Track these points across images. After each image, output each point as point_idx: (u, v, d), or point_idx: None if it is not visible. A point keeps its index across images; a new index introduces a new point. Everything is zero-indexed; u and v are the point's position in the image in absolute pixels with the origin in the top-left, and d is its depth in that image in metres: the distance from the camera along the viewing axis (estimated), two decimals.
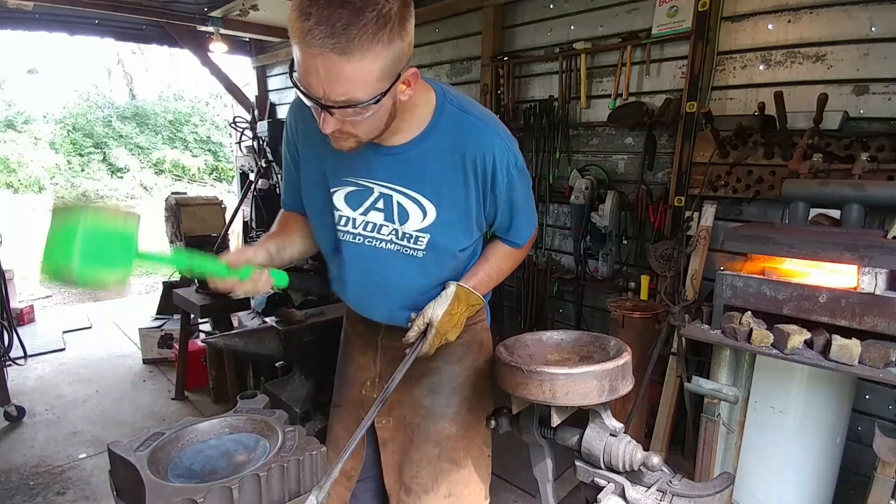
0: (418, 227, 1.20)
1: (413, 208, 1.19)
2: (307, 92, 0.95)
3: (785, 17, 2.53)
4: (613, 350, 1.33)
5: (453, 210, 1.20)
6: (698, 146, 2.78)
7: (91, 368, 4.11)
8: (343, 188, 1.21)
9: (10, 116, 14.05)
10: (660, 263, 2.91)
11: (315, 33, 0.87)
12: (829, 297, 1.69)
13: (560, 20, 3.44)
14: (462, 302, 1.23)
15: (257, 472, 0.93)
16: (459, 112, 1.18)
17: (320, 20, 0.87)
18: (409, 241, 1.22)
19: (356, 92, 0.94)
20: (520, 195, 1.27)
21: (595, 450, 1.25)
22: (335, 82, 0.92)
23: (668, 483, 1.20)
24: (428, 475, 1.38)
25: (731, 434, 2.05)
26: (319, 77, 0.92)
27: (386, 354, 1.42)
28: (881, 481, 1.62)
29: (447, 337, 1.23)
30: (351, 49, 0.89)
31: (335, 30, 0.87)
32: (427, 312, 1.21)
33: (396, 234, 1.22)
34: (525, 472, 2.05)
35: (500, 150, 1.18)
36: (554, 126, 3.47)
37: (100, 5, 4.27)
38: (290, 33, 0.92)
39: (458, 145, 1.16)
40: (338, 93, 0.93)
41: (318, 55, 0.89)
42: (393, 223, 1.21)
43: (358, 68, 0.91)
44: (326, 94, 0.94)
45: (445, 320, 1.20)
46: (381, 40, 0.91)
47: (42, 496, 2.55)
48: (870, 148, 2.23)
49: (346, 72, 0.91)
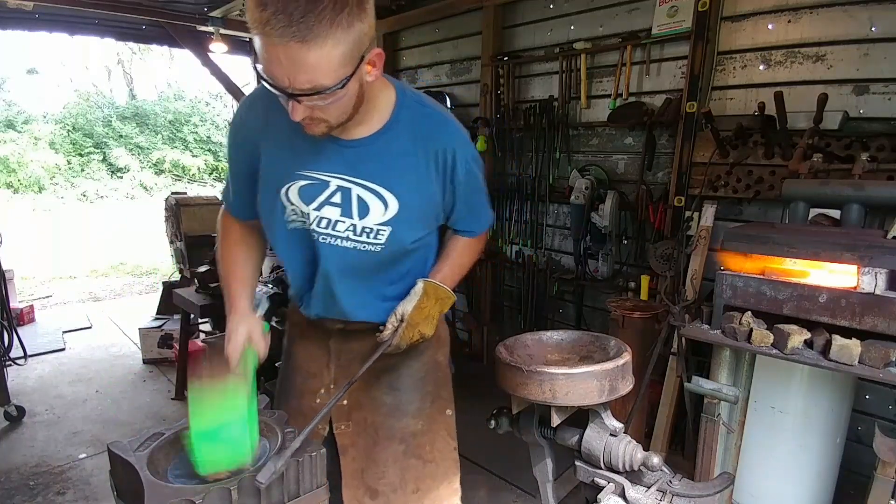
0: (380, 221, 1.18)
1: (374, 201, 1.17)
2: (272, 82, 0.95)
3: (785, 17, 2.53)
4: (613, 350, 1.33)
5: (416, 202, 1.21)
6: (698, 146, 2.78)
7: (91, 368, 4.11)
8: (297, 182, 1.17)
9: (10, 116, 14.05)
10: (660, 263, 2.91)
11: (273, 23, 0.87)
12: (829, 297, 1.69)
13: (560, 20, 3.44)
14: (430, 297, 1.25)
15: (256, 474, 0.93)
16: (419, 105, 1.20)
17: (277, 10, 0.87)
18: (369, 236, 1.19)
19: (321, 79, 0.94)
20: (477, 186, 1.32)
21: (595, 450, 1.25)
22: (299, 71, 0.93)
23: (668, 483, 1.20)
24: (395, 474, 1.36)
25: (731, 434, 2.05)
26: (283, 66, 0.92)
27: (340, 358, 1.37)
28: (881, 481, 1.62)
29: (421, 330, 1.23)
30: (311, 37, 0.89)
31: (293, 19, 0.87)
32: (398, 310, 1.23)
33: (354, 229, 1.19)
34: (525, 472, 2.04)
35: (461, 143, 1.22)
36: (554, 126, 3.46)
37: (100, 5, 4.27)
38: (249, 24, 0.91)
39: (422, 138, 1.18)
40: (302, 81, 0.94)
41: (278, 45, 0.89)
42: (350, 218, 1.18)
43: (320, 55, 0.92)
44: (291, 83, 0.94)
45: (416, 314, 1.22)
46: (341, 25, 0.91)
47: (42, 496, 2.55)
48: (870, 148, 2.23)
49: (308, 60, 0.91)
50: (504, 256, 3.96)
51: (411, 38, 4.55)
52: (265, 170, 1.20)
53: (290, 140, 1.15)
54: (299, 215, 1.19)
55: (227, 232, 1.34)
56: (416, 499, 1.38)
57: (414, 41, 4.53)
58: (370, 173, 1.16)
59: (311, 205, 1.17)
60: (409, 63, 4.63)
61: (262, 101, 1.17)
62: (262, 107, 1.17)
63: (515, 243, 3.86)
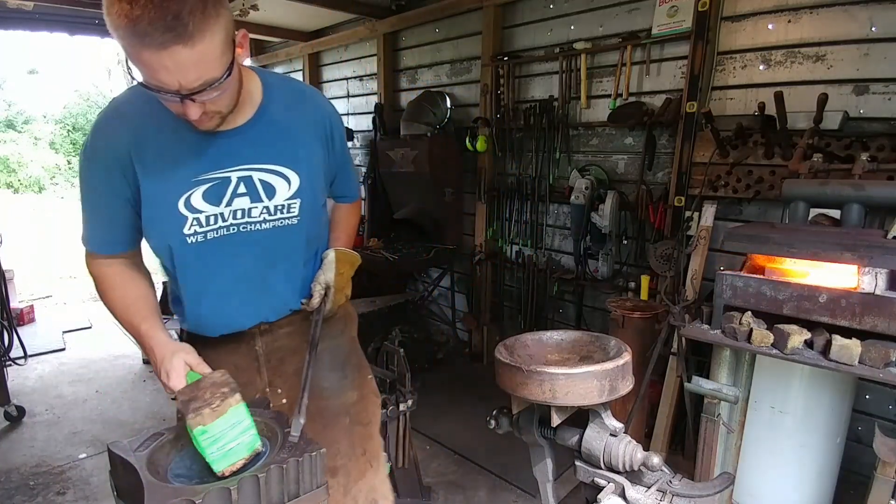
0: (287, 196, 1.23)
1: (276, 180, 1.21)
2: (160, 88, 0.95)
3: (785, 17, 2.53)
4: (613, 350, 1.33)
5: (311, 171, 1.27)
6: (698, 146, 2.78)
7: (91, 368, 4.11)
8: (197, 188, 1.15)
9: (10, 116, 14.06)
10: (660, 263, 2.91)
11: (151, 31, 0.88)
12: (829, 297, 1.69)
13: (560, 20, 3.44)
14: (344, 262, 1.36)
15: (256, 474, 0.93)
16: (286, 82, 1.28)
17: (152, 18, 0.87)
18: (283, 212, 1.24)
19: (210, 72, 0.97)
20: (348, 153, 1.44)
21: (595, 450, 1.25)
22: (188, 71, 0.94)
23: (668, 483, 1.20)
24: (346, 444, 1.42)
25: (731, 434, 2.05)
26: (170, 71, 0.93)
27: (271, 359, 1.37)
28: (881, 481, 1.62)
29: (346, 293, 1.37)
30: (189, 34, 0.90)
31: (168, 23, 0.88)
32: (321, 278, 1.32)
33: (268, 210, 1.22)
34: (525, 472, 2.05)
35: (333, 112, 1.34)
36: (554, 126, 3.46)
37: (100, 5, 4.26)
38: (120, 37, 0.91)
39: (298, 112, 1.25)
40: (192, 79, 0.95)
41: (161, 51, 0.90)
42: (261, 201, 1.21)
43: (203, 50, 0.93)
44: (182, 84, 0.95)
45: (338, 279, 1.33)
46: (211, 15, 0.93)
47: (42, 496, 2.55)
48: (870, 148, 2.23)
49: (194, 57, 0.93)
50: (504, 256, 3.96)
51: (411, 38, 4.55)
52: (151, 188, 1.13)
53: (171, 149, 1.13)
54: (203, 222, 1.17)
55: (104, 277, 1.22)
56: (364, 460, 1.47)
57: (414, 41, 4.53)
58: (262, 156, 1.19)
59: (220, 205, 1.17)
60: (409, 63, 4.63)
61: (122, 120, 1.13)
62: (124, 127, 1.12)
63: (515, 243, 3.87)
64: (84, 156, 1.16)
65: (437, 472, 2.78)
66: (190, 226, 1.16)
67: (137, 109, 1.13)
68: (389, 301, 3.96)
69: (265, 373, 1.38)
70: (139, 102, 1.13)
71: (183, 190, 1.14)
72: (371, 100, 4.97)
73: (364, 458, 1.49)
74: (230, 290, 1.25)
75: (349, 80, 5.31)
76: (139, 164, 1.12)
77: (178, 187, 1.14)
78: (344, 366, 1.48)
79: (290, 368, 1.39)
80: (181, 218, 1.15)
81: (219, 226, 1.19)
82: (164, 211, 1.15)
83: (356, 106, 5.28)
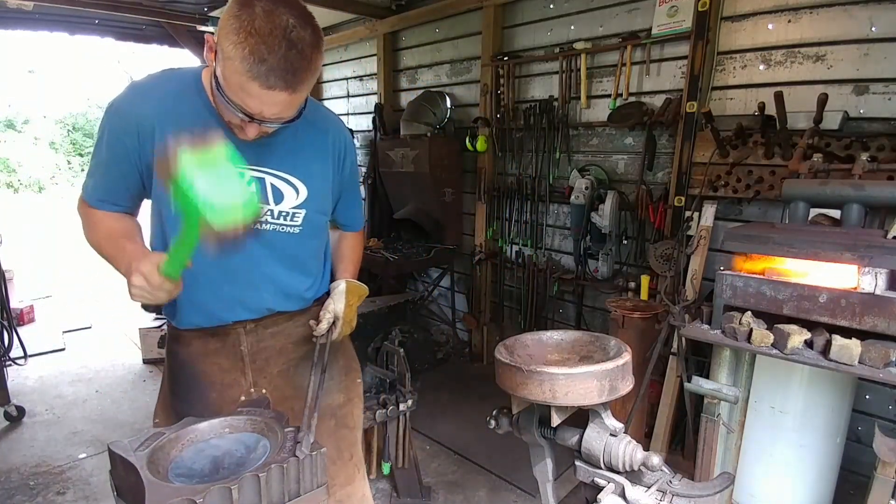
0: (294, 205, 1.29)
1: (286, 188, 1.28)
2: (243, 109, 1.05)
3: (785, 16, 2.53)
4: (613, 350, 1.33)
5: (321, 187, 1.34)
6: (698, 146, 2.78)
7: (91, 368, 4.11)
8: None
9: (10, 116, 14.05)
10: (660, 263, 2.91)
11: (270, 75, 1.00)
12: (829, 297, 1.69)
13: (560, 20, 3.44)
14: (353, 293, 1.39)
15: (257, 473, 0.93)
16: (315, 104, 1.32)
17: (277, 65, 0.99)
18: (286, 219, 1.29)
19: (289, 112, 1.10)
20: (357, 181, 1.51)
21: (595, 450, 1.25)
22: (276, 107, 1.06)
23: (668, 483, 1.20)
24: (332, 447, 1.43)
25: (731, 434, 2.05)
26: (262, 103, 1.04)
27: (256, 361, 1.38)
28: (881, 481, 1.62)
29: (352, 324, 1.39)
30: (298, 84, 1.04)
31: (287, 73, 1.01)
32: (330, 307, 1.34)
33: (272, 213, 1.27)
34: (525, 472, 2.05)
35: (349, 137, 1.42)
36: (554, 126, 3.47)
37: (100, 5, 4.27)
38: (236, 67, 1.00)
39: (320, 130, 1.32)
40: (274, 113, 1.07)
41: (269, 90, 1.01)
42: (268, 204, 1.26)
43: (298, 98, 1.07)
44: (262, 113, 1.06)
45: (347, 311, 1.36)
46: (317, 70, 1.07)
47: (42, 496, 2.55)
48: (870, 148, 2.23)
49: (287, 101, 1.06)
50: (504, 256, 3.96)
51: (411, 38, 4.55)
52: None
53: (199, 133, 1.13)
54: None
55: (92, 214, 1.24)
56: (352, 465, 1.50)
57: (414, 41, 4.53)
58: (279, 163, 1.26)
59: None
60: (409, 63, 4.64)
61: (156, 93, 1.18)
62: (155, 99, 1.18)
63: (515, 243, 3.87)
64: (110, 110, 1.20)
65: (437, 472, 2.78)
66: None
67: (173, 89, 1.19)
68: (389, 301, 3.96)
69: (250, 373, 1.38)
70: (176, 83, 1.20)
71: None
72: (371, 100, 4.97)
73: (352, 463, 1.50)
74: (220, 279, 1.27)
75: (349, 79, 5.31)
76: (159, 137, 1.16)
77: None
78: (331, 367, 1.47)
79: (274, 369, 1.40)
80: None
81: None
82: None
83: (356, 106, 5.28)
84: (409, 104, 4.31)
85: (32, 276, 6.64)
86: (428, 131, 4.03)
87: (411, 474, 2.48)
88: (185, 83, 1.20)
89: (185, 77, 1.22)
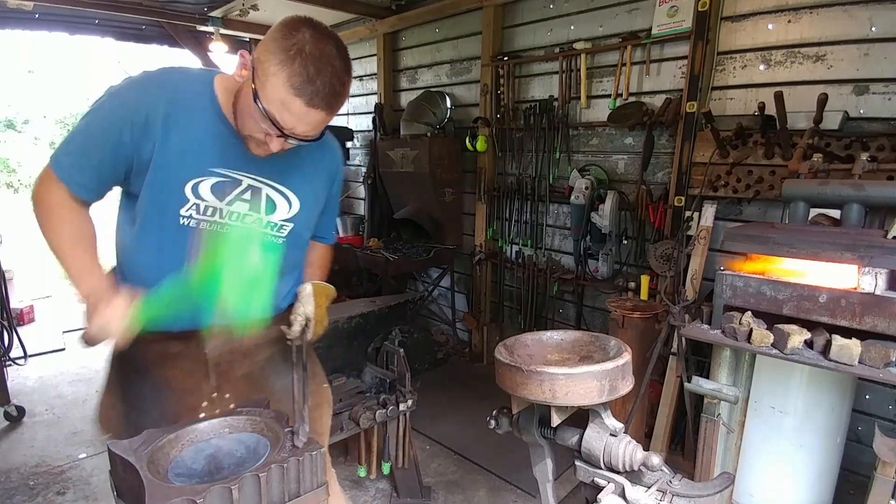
0: (284, 218, 1.32)
1: (281, 200, 1.31)
2: (275, 121, 1.08)
3: (785, 17, 2.53)
4: (613, 350, 1.33)
5: (312, 203, 1.38)
6: (698, 146, 2.78)
7: (91, 368, 4.10)
8: (209, 178, 1.20)
9: (10, 116, 14.05)
10: (660, 263, 2.91)
11: (313, 96, 1.06)
12: (829, 297, 1.69)
13: (560, 20, 3.44)
14: (321, 294, 1.41)
15: (257, 473, 0.93)
16: None
17: (324, 87, 1.06)
18: (273, 230, 1.32)
19: (317, 131, 1.15)
20: (339, 197, 1.54)
21: (595, 450, 1.25)
22: (308, 125, 1.10)
23: (668, 483, 1.20)
24: None
25: (731, 434, 2.05)
26: (298, 120, 1.09)
27: (220, 365, 1.34)
28: (881, 481, 1.62)
29: (324, 324, 1.40)
30: (336, 107, 1.11)
31: (330, 96, 1.08)
32: (300, 310, 1.35)
33: (260, 223, 1.29)
34: (525, 472, 2.05)
35: (342, 158, 1.48)
36: (554, 126, 3.47)
37: (100, 5, 4.27)
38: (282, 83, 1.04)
39: (322, 153, 1.37)
40: (303, 130, 1.11)
41: (309, 109, 1.07)
42: (259, 213, 1.28)
43: (330, 119, 1.14)
44: (294, 129, 1.10)
45: (318, 311, 1.37)
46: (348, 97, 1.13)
47: (42, 496, 2.55)
48: (870, 148, 2.23)
49: (320, 120, 1.11)
50: (504, 256, 3.96)
51: (411, 38, 4.55)
52: (164, 160, 1.15)
53: (201, 136, 1.18)
54: (201, 210, 1.21)
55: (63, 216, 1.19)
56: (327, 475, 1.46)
57: (414, 41, 4.53)
58: (279, 176, 1.29)
59: (223, 200, 1.23)
60: (409, 63, 4.63)
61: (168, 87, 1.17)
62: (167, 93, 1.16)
63: (515, 243, 3.87)
64: (111, 92, 1.17)
65: (437, 472, 2.78)
66: (188, 208, 1.20)
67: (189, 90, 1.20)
68: (389, 301, 3.95)
69: (213, 377, 1.34)
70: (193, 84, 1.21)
71: (195, 174, 1.19)
72: (371, 100, 4.97)
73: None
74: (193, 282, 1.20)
75: None
76: (164, 131, 1.15)
77: (192, 170, 1.19)
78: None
79: (239, 372, 1.38)
80: (184, 198, 1.19)
81: (214, 220, 1.23)
82: (171, 185, 1.18)
83: (356, 106, 5.28)
84: (409, 104, 4.31)
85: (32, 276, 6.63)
86: (428, 131, 4.03)
87: (411, 474, 2.48)
88: (202, 86, 1.20)
89: (201, 80, 1.22)
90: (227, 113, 1.20)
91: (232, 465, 1.02)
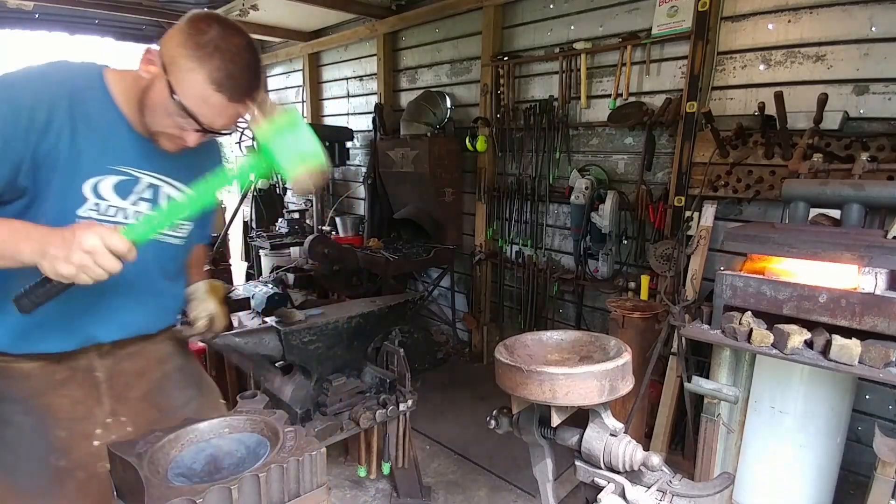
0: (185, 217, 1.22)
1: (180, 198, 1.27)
2: (195, 115, 1.08)
3: (785, 17, 2.53)
4: (613, 350, 1.33)
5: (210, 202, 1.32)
6: (698, 146, 2.78)
7: None
8: (109, 177, 1.14)
9: None
10: (660, 263, 2.91)
11: (234, 91, 1.08)
12: (829, 297, 1.69)
13: (560, 20, 3.44)
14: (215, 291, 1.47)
15: (257, 473, 0.93)
16: None
17: (242, 82, 1.09)
18: (174, 230, 1.30)
19: (233, 124, 1.16)
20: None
21: (595, 450, 1.25)
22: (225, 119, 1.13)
23: (668, 483, 1.20)
24: None
25: (731, 434, 2.05)
26: (217, 113, 1.10)
27: (114, 385, 1.26)
28: (881, 481, 1.63)
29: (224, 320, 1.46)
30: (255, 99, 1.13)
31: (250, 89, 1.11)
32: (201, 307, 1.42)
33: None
34: (525, 472, 2.05)
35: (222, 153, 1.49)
36: (554, 126, 3.47)
37: (100, 5, 4.27)
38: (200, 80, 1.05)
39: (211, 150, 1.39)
40: (223, 124, 1.14)
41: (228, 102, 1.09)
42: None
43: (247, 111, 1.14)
44: (213, 124, 1.11)
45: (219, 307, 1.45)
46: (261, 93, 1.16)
47: None
48: (870, 148, 2.23)
49: (236, 114, 1.14)
50: (504, 256, 3.96)
51: (411, 38, 4.55)
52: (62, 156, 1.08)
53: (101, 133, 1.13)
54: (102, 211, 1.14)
55: None
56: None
57: (414, 41, 4.53)
58: (177, 174, 1.27)
59: (127, 199, 1.19)
60: (409, 63, 4.64)
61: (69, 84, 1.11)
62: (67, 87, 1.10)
63: (515, 243, 3.87)
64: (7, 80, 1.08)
65: (437, 472, 2.78)
66: (87, 209, 1.13)
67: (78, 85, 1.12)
68: (389, 301, 3.94)
69: (107, 401, 1.25)
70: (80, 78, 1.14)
71: (94, 172, 1.13)
72: (371, 100, 4.97)
73: None
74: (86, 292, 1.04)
75: (349, 79, 5.31)
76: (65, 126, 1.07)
77: (91, 168, 1.12)
78: (199, 384, 1.48)
79: (135, 394, 1.30)
80: (81, 198, 1.12)
81: (116, 220, 1.17)
82: (66, 183, 1.10)
83: (356, 106, 5.28)
84: (409, 104, 4.32)
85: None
86: (428, 131, 4.03)
87: (411, 474, 2.48)
88: (90, 81, 1.14)
89: (87, 74, 1.16)
90: (125, 108, 1.15)
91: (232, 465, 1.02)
